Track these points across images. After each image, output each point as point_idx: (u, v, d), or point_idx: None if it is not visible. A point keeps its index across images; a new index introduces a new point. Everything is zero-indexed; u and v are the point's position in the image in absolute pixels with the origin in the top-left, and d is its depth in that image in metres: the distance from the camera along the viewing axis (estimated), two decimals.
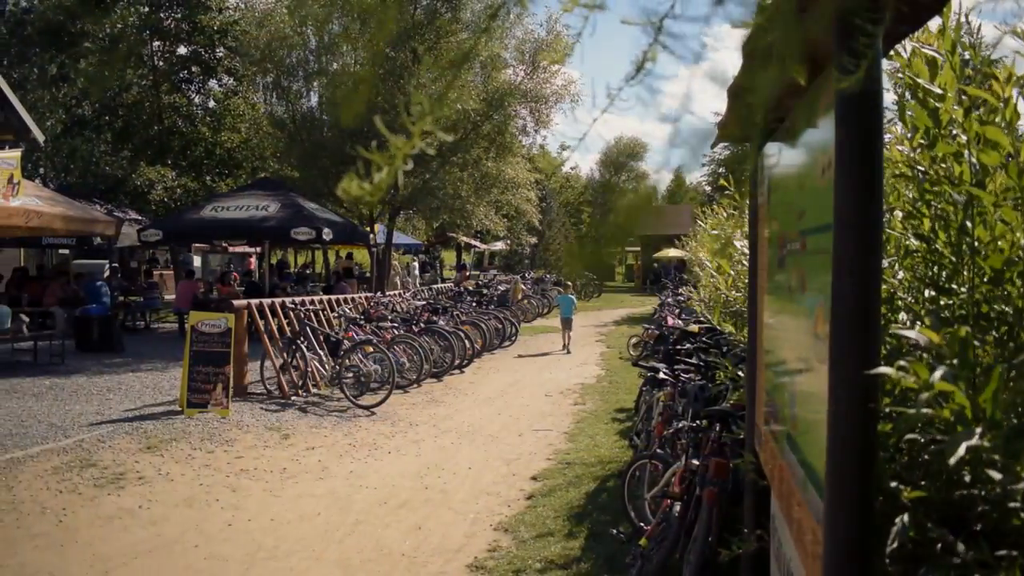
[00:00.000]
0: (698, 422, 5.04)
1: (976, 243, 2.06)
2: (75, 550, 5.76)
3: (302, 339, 11.77)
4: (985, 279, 2.05)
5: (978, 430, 1.55)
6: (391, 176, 1.16)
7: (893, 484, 1.94)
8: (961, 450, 1.51)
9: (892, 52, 2.19)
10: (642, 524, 5.35)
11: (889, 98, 2.35)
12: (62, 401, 10.39)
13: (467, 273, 34.07)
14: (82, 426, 8.92)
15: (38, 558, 5.57)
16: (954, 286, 2.16)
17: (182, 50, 25.47)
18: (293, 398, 11.14)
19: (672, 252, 37.82)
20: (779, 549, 3.30)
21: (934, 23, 2.11)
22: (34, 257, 26.69)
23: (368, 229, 21.18)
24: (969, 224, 2.08)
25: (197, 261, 30.51)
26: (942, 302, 2.21)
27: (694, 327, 8.47)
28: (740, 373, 5.19)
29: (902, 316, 2.40)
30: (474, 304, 20.04)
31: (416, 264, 32.95)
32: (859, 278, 1.72)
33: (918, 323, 2.28)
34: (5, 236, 16.89)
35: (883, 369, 1.63)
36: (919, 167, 2.25)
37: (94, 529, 6.16)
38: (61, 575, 5.35)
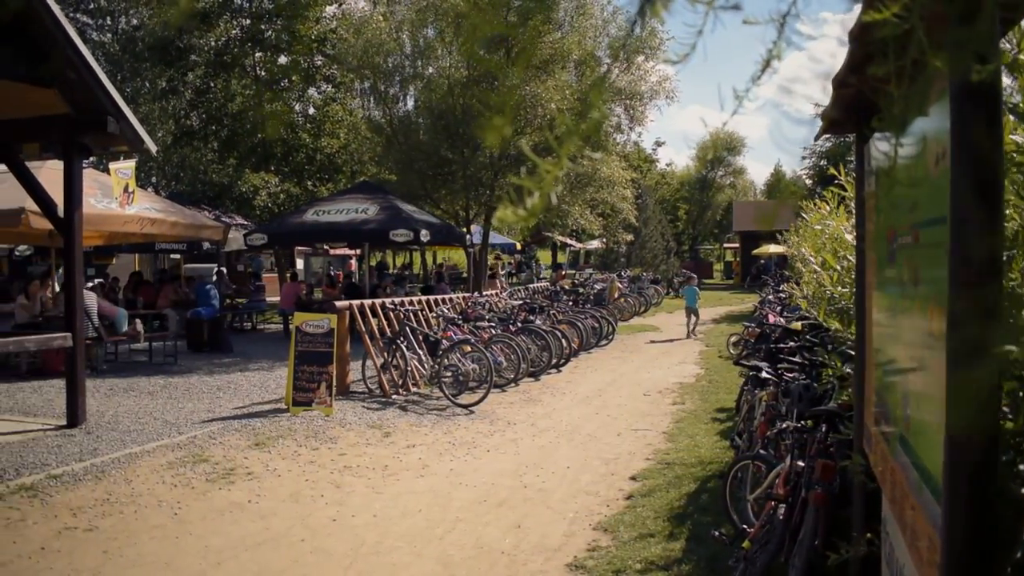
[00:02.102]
0: (803, 422, 4.91)
1: None
2: (189, 542, 5.99)
3: (402, 339, 11.96)
4: None
5: None
6: (544, 200, 1.17)
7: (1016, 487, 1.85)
8: None
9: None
10: (745, 526, 5.23)
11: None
12: (175, 399, 10.84)
13: (563, 272, 34.06)
14: (194, 423, 9.29)
15: (155, 548, 5.82)
16: None
17: (283, 59, 26.24)
18: (394, 397, 11.34)
19: (772, 248, 36.96)
20: (891, 554, 3.18)
21: None
22: (148, 262, 27.94)
23: (464, 230, 21.39)
24: None
25: (300, 264, 31.39)
26: None
27: (797, 324, 8.25)
28: (848, 372, 5.03)
29: None
30: (570, 303, 20.02)
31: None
32: (977, 273, 1.63)
33: None
34: (122, 242, 17.76)
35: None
36: None
37: (206, 522, 6.40)
38: (176, 565, 5.58)
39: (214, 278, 18.22)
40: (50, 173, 10.62)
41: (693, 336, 20.77)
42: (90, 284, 17.85)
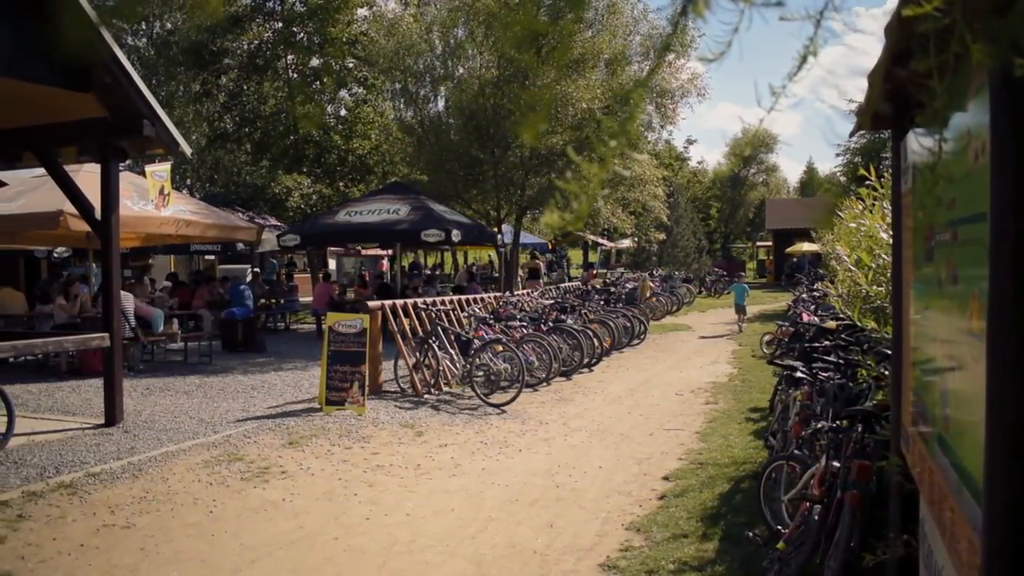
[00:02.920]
0: (838, 422, 4.85)
1: None
2: (224, 540, 6.05)
3: (434, 339, 12.00)
4: None
5: None
6: (589, 203, 1.17)
7: None
8: None
9: None
10: (779, 527, 5.18)
11: None
12: (210, 399, 10.96)
13: (594, 272, 33.96)
14: (229, 422, 9.39)
15: (191, 546, 5.89)
16: None
17: (314, 62, 26.45)
18: (426, 396, 11.38)
19: (806, 246, 36.61)
20: (929, 556, 3.14)
21: None
22: (183, 263, 28.28)
23: (495, 230, 21.40)
24: None
25: (333, 264, 31.59)
26: None
27: (831, 323, 8.17)
28: (884, 371, 4.97)
29: None
30: (602, 302, 19.97)
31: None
32: (1019, 270, 1.60)
33: None
34: (158, 244, 18.01)
35: None
36: None
37: (241, 520, 6.46)
38: (212, 563, 5.64)
39: (248, 278, 18.40)
40: (87, 176, 10.79)
41: (742, 331, 21.18)
42: (162, 286, 18.25)
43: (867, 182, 5.68)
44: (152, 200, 12.90)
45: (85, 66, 8.15)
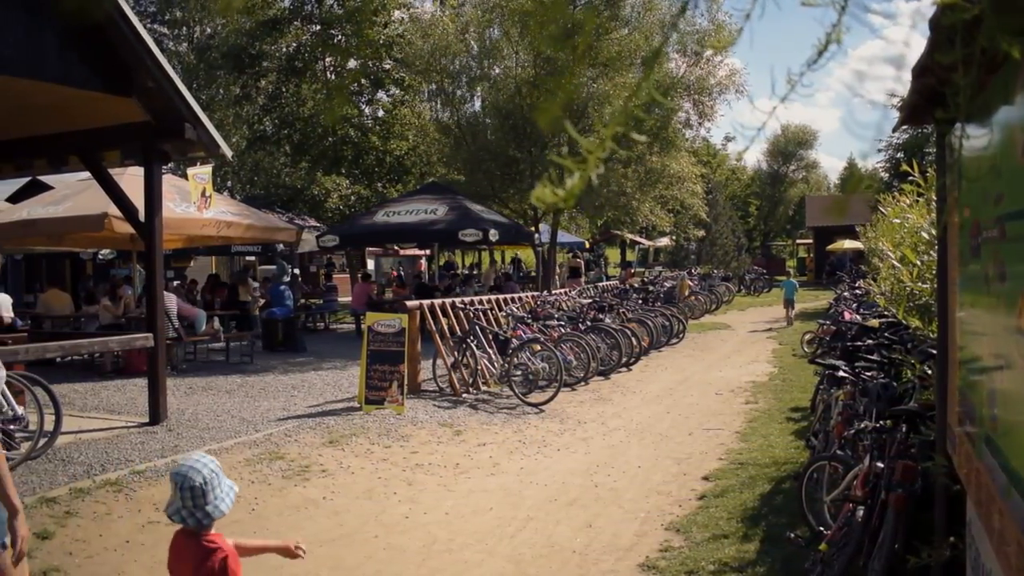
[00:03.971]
0: (882, 422, 4.78)
1: None
2: (266, 537, 6.11)
3: (472, 338, 12.02)
4: None
5: None
6: (583, 181, 1.15)
7: None
8: None
9: None
10: (821, 528, 5.12)
11: None
12: (252, 398, 11.09)
13: (632, 270, 33.81)
14: (270, 421, 9.49)
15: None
16: None
17: (352, 64, 26.64)
18: (464, 395, 11.41)
19: (847, 243, 36.12)
20: (976, 559, 3.09)
21: None
22: (224, 263, 28.67)
23: (533, 229, 21.39)
24: None
25: (371, 264, 31.83)
26: None
27: (874, 322, 8.06)
28: (928, 371, 4.89)
29: None
30: (640, 301, 19.87)
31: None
32: None
33: None
34: (200, 245, 18.25)
35: None
36: None
37: (283, 518, 6.53)
38: (254, 559, 5.67)
39: (287, 279, 18.59)
40: (131, 179, 10.96)
41: (790, 325, 21.79)
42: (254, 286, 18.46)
43: (910, 178, 5.58)
44: (194, 202, 13.04)
45: (102, 46, 8.21)
